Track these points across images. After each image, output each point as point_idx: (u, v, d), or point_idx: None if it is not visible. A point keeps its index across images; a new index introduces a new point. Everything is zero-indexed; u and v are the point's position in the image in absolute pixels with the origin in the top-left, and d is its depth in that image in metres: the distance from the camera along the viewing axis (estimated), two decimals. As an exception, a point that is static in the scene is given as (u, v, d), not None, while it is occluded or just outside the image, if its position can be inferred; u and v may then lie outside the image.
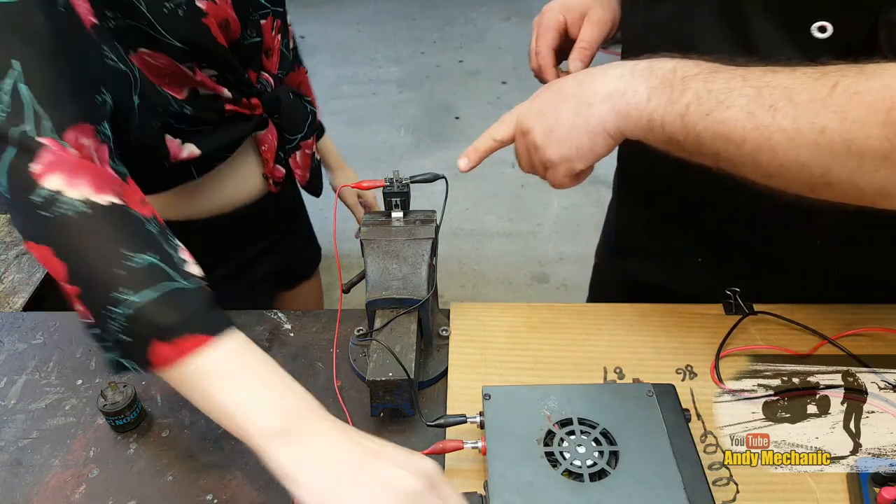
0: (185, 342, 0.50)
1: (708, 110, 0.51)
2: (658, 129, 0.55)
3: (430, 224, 0.73)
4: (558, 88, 0.62)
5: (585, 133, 0.58)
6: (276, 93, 0.88)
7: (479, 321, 0.79)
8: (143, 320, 0.50)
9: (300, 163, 0.97)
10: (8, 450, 0.67)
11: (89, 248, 0.51)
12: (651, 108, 0.54)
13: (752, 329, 0.76)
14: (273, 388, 0.52)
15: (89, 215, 0.52)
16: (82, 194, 0.52)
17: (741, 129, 0.49)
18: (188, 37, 0.70)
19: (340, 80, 3.32)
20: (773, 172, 0.50)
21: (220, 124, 0.81)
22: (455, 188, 0.75)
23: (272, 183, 0.94)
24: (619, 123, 0.57)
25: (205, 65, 0.76)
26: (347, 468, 0.48)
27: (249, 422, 0.50)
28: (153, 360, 0.51)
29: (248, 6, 0.77)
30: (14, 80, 0.52)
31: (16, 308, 0.98)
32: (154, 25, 0.68)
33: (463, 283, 2.21)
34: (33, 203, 0.51)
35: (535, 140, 0.62)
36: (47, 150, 0.52)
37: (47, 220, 0.51)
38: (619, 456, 0.59)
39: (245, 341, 0.54)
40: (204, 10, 0.71)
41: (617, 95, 0.56)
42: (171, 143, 0.75)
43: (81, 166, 0.53)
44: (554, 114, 0.60)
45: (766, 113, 0.48)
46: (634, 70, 0.56)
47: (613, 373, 0.72)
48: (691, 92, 0.52)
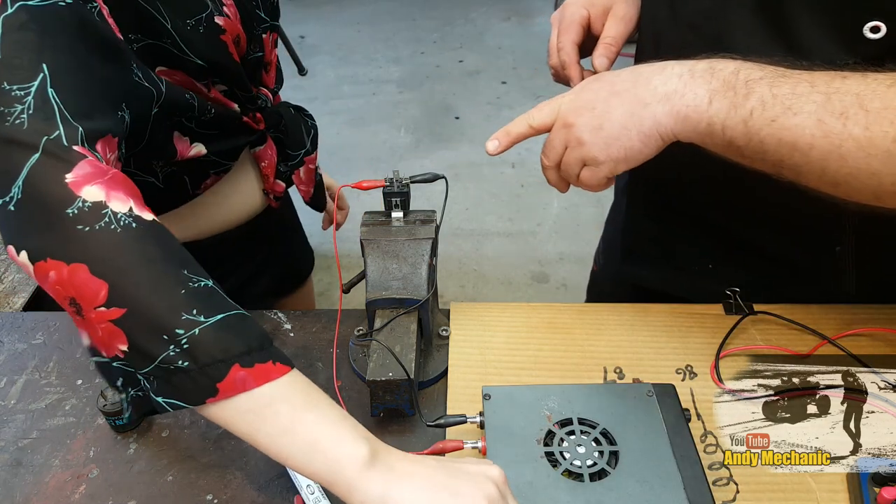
0: (265, 368, 0.48)
1: (773, 116, 0.49)
2: (718, 134, 0.53)
3: (430, 224, 0.73)
4: (610, 83, 0.58)
5: (638, 134, 0.56)
6: (276, 108, 0.88)
7: (479, 321, 0.79)
8: (219, 342, 0.47)
9: (304, 178, 0.96)
10: (8, 450, 0.67)
11: (143, 266, 0.47)
12: (712, 111, 0.52)
13: (752, 329, 0.76)
14: (347, 418, 0.50)
15: (134, 230, 0.47)
16: (126, 207, 0.48)
17: (809, 137, 0.48)
18: (208, 53, 0.69)
19: (340, 80, 3.32)
20: (839, 181, 0.49)
21: (230, 130, 0.81)
22: (455, 188, 0.75)
23: (273, 198, 0.93)
24: (676, 127, 0.54)
25: (218, 80, 0.75)
26: (436, 487, 0.48)
27: (342, 453, 0.47)
28: (222, 389, 0.46)
29: (253, 21, 0.76)
30: (42, 84, 0.49)
31: (16, 308, 0.98)
32: (178, 44, 0.66)
33: (463, 283, 2.21)
34: (68, 216, 0.46)
35: (579, 135, 0.59)
36: (83, 159, 0.48)
37: (85, 234, 0.46)
38: (619, 456, 0.59)
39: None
40: (222, 27, 0.70)
41: (676, 97, 0.54)
42: (178, 140, 0.75)
43: (119, 178, 0.49)
44: (605, 110, 0.57)
45: (837, 120, 0.47)
46: (694, 71, 0.54)
47: (613, 373, 0.72)
48: (756, 96, 0.50)
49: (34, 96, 0.48)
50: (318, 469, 0.48)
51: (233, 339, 0.48)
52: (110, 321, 0.46)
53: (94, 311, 0.46)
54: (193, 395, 0.47)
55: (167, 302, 0.47)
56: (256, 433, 0.48)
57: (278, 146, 0.90)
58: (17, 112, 0.48)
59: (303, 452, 0.48)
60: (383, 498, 0.46)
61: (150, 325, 0.46)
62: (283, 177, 0.93)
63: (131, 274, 0.47)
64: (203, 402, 0.47)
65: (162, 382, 0.47)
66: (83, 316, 0.47)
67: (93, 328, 0.47)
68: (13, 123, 0.47)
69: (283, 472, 0.63)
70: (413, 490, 0.47)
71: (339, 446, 0.48)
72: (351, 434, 0.48)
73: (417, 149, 2.79)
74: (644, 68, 0.57)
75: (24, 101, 0.48)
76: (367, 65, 3.46)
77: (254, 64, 0.80)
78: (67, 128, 0.49)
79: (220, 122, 0.77)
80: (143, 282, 0.47)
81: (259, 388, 0.47)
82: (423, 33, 3.74)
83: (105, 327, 0.47)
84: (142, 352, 0.47)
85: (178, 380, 0.47)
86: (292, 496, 0.62)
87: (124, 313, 0.46)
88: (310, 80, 3.22)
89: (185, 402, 0.47)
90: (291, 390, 0.49)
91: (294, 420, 0.48)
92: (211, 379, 0.46)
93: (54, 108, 0.49)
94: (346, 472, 0.47)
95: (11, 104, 0.48)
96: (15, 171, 0.47)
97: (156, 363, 0.47)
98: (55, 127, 0.48)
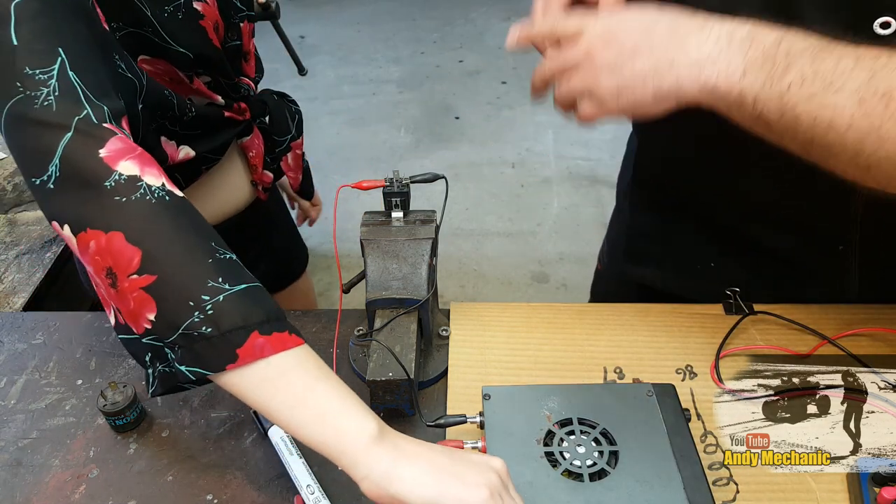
0: (282, 337, 0.50)
1: (813, 92, 0.47)
2: (748, 107, 0.50)
3: (430, 224, 0.73)
4: (647, 27, 0.54)
5: (654, 92, 0.53)
6: (260, 96, 0.88)
7: (479, 321, 0.79)
8: (240, 310, 0.49)
9: (292, 164, 0.97)
10: (8, 450, 0.67)
11: (174, 235, 0.50)
12: (745, 83, 0.49)
13: (752, 329, 0.76)
14: (356, 395, 0.52)
15: (167, 202, 0.50)
16: (159, 182, 0.51)
17: (848, 116, 0.46)
18: (188, 40, 0.70)
19: (340, 80, 3.32)
20: (872, 164, 0.47)
21: (215, 128, 0.81)
22: (455, 188, 0.75)
23: (261, 189, 0.93)
24: (700, 96, 0.51)
25: (201, 70, 0.76)
26: (439, 470, 0.49)
27: (352, 426, 0.49)
28: (241, 355, 0.48)
29: (230, 9, 0.77)
30: (62, 68, 0.51)
31: (16, 308, 0.98)
32: (159, 32, 0.67)
33: (463, 283, 2.21)
34: (106, 188, 0.49)
35: (596, 70, 0.55)
36: (113, 135, 0.51)
37: (122, 204, 0.49)
38: (619, 456, 0.59)
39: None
40: (201, 13, 0.71)
41: (707, 64, 0.50)
42: (167, 145, 0.75)
43: (147, 156, 0.52)
44: (631, 55, 0.53)
45: (879, 101, 0.45)
46: (733, 37, 0.50)
47: (613, 373, 0.72)
48: (795, 70, 0.47)
49: (57, 79, 0.51)
50: (327, 440, 0.49)
51: (253, 307, 0.50)
52: (141, 288, 0.49)
53: (128, 280, 0.49)
54: (215, 361, 0.49)
55: (195, 269, 0.49)
56: (270, 401, 0.50)
57: (264, 135, 0.90)
58: (45, 95, 0.50)
59: (313, 422, 0.49)
60: (387, 474, 0.47)
61: (178, 291, 0.49)
62: (270, 167, 0.93)
63: (163, 242, 0.49)
64: (223, 369, 0.49)
65: (186, 351, 0.49)
66: (117, 287, 0.50)
67: (125, 299, 0.50)
68: (42, 105, 0.50)
69: (283, 472, 0.63)
70: (417, 470, 0.48)
71: (349, 419, 0.49)
72: (360, 409, 0.50)
73: (417, 149, 2.79)
74: (684, 23, 0.53)
75: (49, 84, 0.51)
76: (367, 65, 3.46)
77: (233, 52, 0.81)
78: (93, 107, 0.51)
79: (204, 121, 0.77)
80: (174, 250, 0.49)
81: (275, 355, 0.49)
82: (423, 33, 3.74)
83: (137, 296, 0.49)
84: (168, 319, 0.49)
85: (200, 347, 0.49)
86: (292, 496, 0.62)
87: (155, 280, 0.48)
88: (310, 80, 3.22)
89: (206, 370, 0.49)
90: (305, 361, 0.51)
91: (306, 389, 0.49)
92: (231, 345, 0.48)
93: (77, 90, 0.51)
94: (354, 445, 0.48)
95: (37, 88, 0.50)
96: (50, 151, 0.49)
97: (181, 330, 0.49)
98: (82, 107, 0.51)
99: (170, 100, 0.70)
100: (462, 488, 0.47)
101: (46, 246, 1.10)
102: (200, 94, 0.77)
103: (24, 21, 0.51)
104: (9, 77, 0.51)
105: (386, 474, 0.48)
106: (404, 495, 0.47)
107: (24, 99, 0.50)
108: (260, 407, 0.51)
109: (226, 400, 0.71)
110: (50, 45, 0.52)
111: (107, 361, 0.76)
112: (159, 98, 0.69)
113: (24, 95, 0.50)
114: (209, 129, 0.79)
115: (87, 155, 0.50)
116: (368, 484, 0.48)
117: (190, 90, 0.76)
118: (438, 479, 0.48)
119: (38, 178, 0.50)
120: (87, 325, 0.81)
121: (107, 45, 0.60)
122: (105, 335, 0.79)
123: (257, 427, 0.67)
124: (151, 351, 0.52)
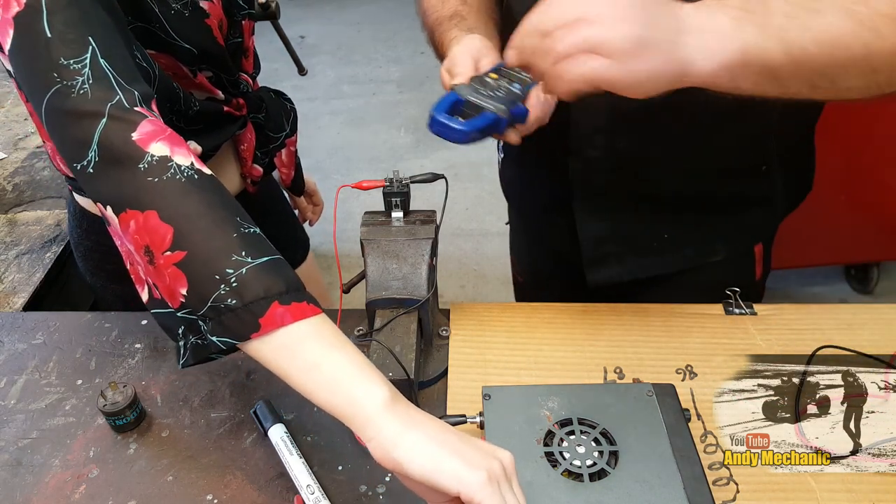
0: (301, 306, 0.51)
1: (804, 23, 0.48)
2: (753, 62, 0.48)
3: (430, 224, 0.73)
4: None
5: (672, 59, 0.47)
6: (257, 93, 0.89)
7: (479, 321, 0.79)
8: (262, 281, 0.51)
9: (285, 161, 0.98)
10: (8, 450, 0.67)
11: (202, 212, 0.52)
12: (744, 37, 0.47)
13: (752, 329, 0.76)
14: (371, 364, 0.53)
15: (196, 181, 0.53)
16: (188, 161, 0.53)
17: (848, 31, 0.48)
18: (194, 37, 0.71)
19: (340, 80, 3.32)
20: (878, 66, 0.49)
21: (215, 124, 0.81)
22: (455, 188, 0.75)
23: (250, 182, 0.94)
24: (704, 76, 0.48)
25: (204, 66, 0.76)
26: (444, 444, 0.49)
27: (364, 391, 0.50)
28: (263, 324, 0.50)
29: (233, 7, 0.78)
30: (94, 56, 0.54)
31: (16, 308, 0.98)
32: (165, 28, 0.68)
33: (463, 283, 2.21)
34: (139, 170, 0.52)
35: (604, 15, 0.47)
36: (144, 118, 0.53)
37: (155, 184, 0.52)
38: (619, 456, 0.59)
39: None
40: (207, 11, 0.72)
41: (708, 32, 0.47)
42: None
43: (177, 136, 0.55)
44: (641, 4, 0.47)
45: (860, 6, 0.47)
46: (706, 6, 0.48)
47: (613, 373, 0.72)
48: (776, 10, 0.48)
49: (90, 67, 0.53)
50: (340, 402, 0.50)
51: (274, 278, 0.52)
52: (174, 264, 0.51)
53: (163, 257, 0.51)
54: (240, 331, 0.51)
55: (221, 244, 0.51)
56: (289, 367, 0.51)
57: (258, 130, 0.91)
58: (80, 84, 0.53)
59: (327, 386, 0.51)
60: (394, 439, 0.48)
61: (205, 266, 0.51)
62: (261, 162, 0.93)
63: (192, 218, 0.52)
64: (248, 338, 0.51)
65: (215, 323, 0.52)
66: (154, 264, 0.52)
67: (162, 275, 0.52)
68: (78, 94, 0.53)
69: (283, 471, 0.63)
70: (423, 440, 0.48)
71: (362, 384, 0.50)
72: (374, 376, 0.51)
73: (417, 149, 2.79)
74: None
75: (83, 73, 0.53)
76: (367, 65, 3.46)
77: (234, 49, 0.82)
78: (125, 92, 0.54)
79: (206, 116, 0.78)
80: (202, 226, 0.52)
81: (295, 323, 0.51)
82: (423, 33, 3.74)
83: (171, 272, 0.51)
84: (199, 293, 0.51)
85: (226, 319, 0.51)
86: (292, 496, 0.62)
87: (185, 255, 0.51)
88: (310, 80, 3.22)
89: (234, 339, 0.51)
90: (322, 329, 0.52)
91: (323, 355, 0.51)
92: (254, 315, 0.50)
93: (109, 76, 0.54)
94: (366, 409, 0.49)
95: (72, 77, 0.53)
96: (88, 138, 0.52)
97: (209, 304, 0.51)
98: (115, 93, 0.54)
99: (177, 92, 0.72)
100: (461, 466, 0.47)
101: (46, 246, 1.10)
102: (202, 89, 0.78)
103: (55, 12, 0.54)
104: (46, 68, 0.53)
105: (391, 439, 0.48)
106: (404, 462, 0.48)
107: (62, 89, 0.53)
108: (279, 371, 0.52)
109: (226, 400, 0.71)
110: (81, 34, 0.54)
111: (107, 361, 0.76)
112: (168, 89, 0.71)
113: (62, 85, 0.53)
114: (210, 124, 0.80)
115: (121, 139, 0.52)
116: (374, 445, 0.49)
117: (193, 85, 0.76)
118: (440, 453, 0.48)
119: (79, 163, 0.53)
120: (87, 325, 0.81)
121: (127, 32, 0.62)
122: (105, 335, 0.80)
123: (257, 427, 0.67)
124: (185, 324, 0.54)
